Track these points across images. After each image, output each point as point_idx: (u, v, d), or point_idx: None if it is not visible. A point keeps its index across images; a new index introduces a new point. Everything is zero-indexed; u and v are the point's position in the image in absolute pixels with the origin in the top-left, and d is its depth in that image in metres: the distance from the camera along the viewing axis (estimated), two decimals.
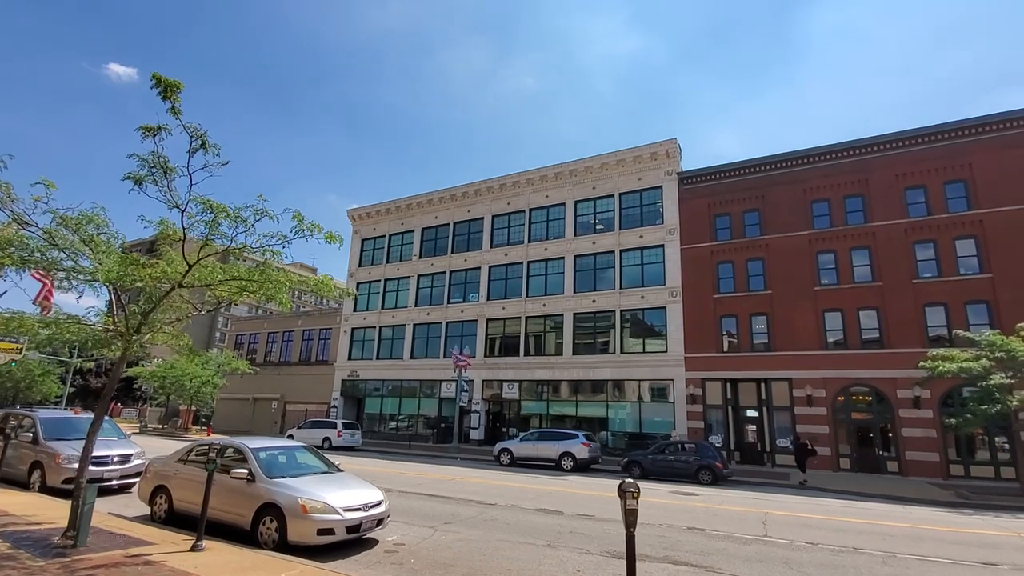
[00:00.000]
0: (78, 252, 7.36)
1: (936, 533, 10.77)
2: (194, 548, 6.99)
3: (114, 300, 7.64)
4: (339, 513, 7.68)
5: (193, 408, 40.81)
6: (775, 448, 25.94)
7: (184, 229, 7.47)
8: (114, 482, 11.65)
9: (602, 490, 15.89)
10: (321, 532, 7.50)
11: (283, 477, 8.33)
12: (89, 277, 7.43)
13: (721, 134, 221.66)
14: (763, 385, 26.81)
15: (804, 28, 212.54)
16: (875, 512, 13.59)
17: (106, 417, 13.55)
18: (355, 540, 8.05)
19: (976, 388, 19.02)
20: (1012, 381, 16.43)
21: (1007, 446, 21.71)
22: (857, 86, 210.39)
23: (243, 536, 8.02)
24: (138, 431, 35.31)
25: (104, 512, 9.20)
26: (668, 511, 12.50)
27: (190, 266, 7.64)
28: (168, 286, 7.78)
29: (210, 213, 7.35)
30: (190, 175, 7.20)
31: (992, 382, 16.52)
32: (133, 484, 12.24)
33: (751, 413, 27.21)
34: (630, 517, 4.37)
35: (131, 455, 12.28)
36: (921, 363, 18.84)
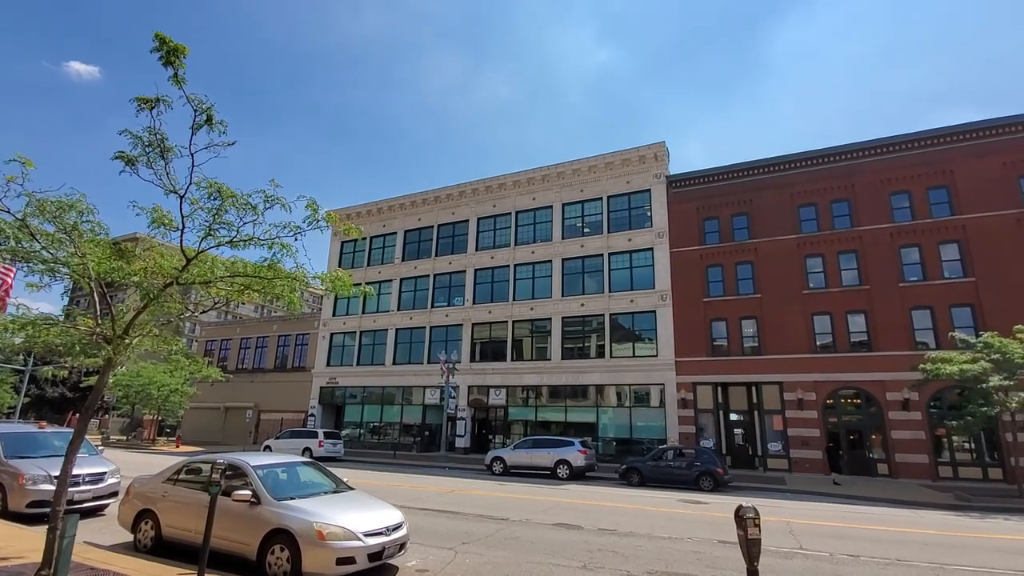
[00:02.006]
0: (60, 242, 6.36)
1: (968, 540, 10.50)
2: None
3: (98, 299, 6.63)
4: (360, 539, 6.82)
5: (159, 418, 38.64)
6: (767, 452, 25.84)
7: (184, 217, 6.53)
8: (85, 504, 10.43)
9: (609, 500, 15.31)
10: (341, 561, 6.62)
11: (291, 499, 7.41)
12: (68, 271, 6.43)
13: (687, 146, 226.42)
14: (754, 389, 26.73)
15: (765, 46, 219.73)
16: (892, 518, 13.35)
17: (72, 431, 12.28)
18: (376, 568, 7.19)
19: (967, 391, 19.20)
20: (1010, 383, 16.51)
21: (977, 447, 22.17)
22: (814, 101, 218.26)
23: (246, 567, 7.07)
24: (100, 443, 33.11)
25: (78, 541, 8.06)
26: (687, 522, 11.95)
27: (188, 260, 6.70)
28: (161, 282, 6.82)
29: (216, 199, 6.44)
30: (192, 155, 6.28)
31: (991, 384, 16.58)
32: (106, 505, 11.07)
33: (742, 417, 27.08)
34: (753, 549, 3.72)
35: (104, 473, 11.06)
36: (921, 365, 18.86)
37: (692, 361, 27.68)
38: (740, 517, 3.76)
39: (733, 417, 27.24)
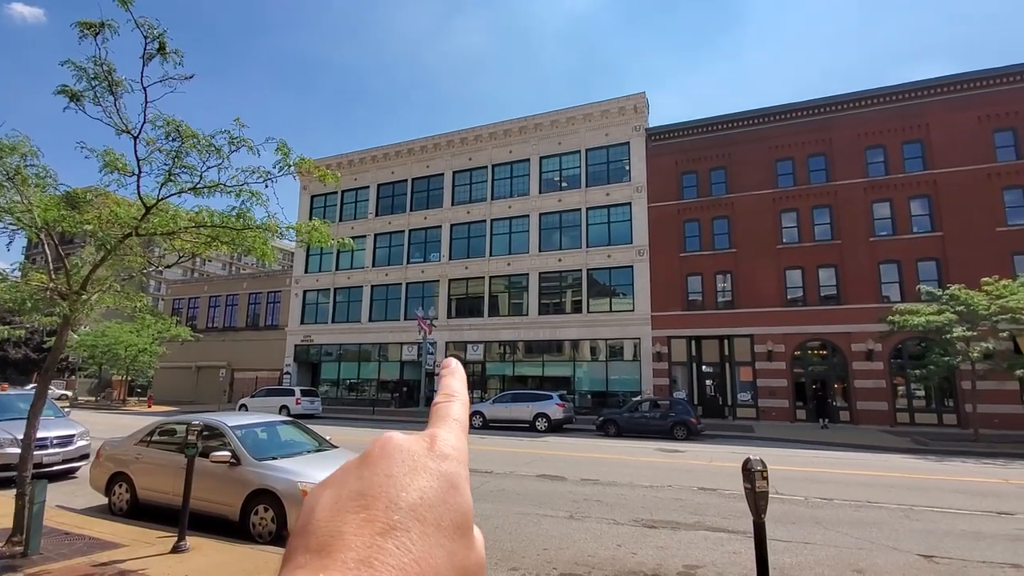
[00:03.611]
0: (2, 188, 5.73)
1: (932, 483, 11.04)
2: (176, 549, 5.84)
3: (49, 251, 6.08)
4: None
5: (128, 379, 37.70)
6: (736, 401, 26.73)
7: (139, 161, 5.94)
8: (55, 467, 10.06)
9: (588, 451, 15.61)
10: None
11: (273, 459, 7.20)
12: (12, 219, 5.83)
13: (665, 101, 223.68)
14: (726, 341, 27.35)
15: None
16: (857, 462, 13.97)
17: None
18: None
19: (929, 341, 20.00)
20: (973, 333, 17.16)
21: (933, 395, 23.37)
22: (792, 55, 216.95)
23: (228, 527, 6.90)
24: (68, 406, 32.20)
25: (50, 504, 7.74)
26: (666, 471, 12.25)
27: (148, 208, 6.15)
28: (119, 233, 6.28)
29: (175, 140, 5.85)
30: (144, 89, 5.65)
31: (955, 334, 17.21)
32: (77, 468, 10.71)
33: (713, 369, 27.79)
34: (760, 501, 3.65)
35: (72, 436, 10.64)
36: (889, 317, 19.44)
37: (667, 315, 28.03)
38: (748, 470, 3.68)
39: (705, 369, 27.94)
